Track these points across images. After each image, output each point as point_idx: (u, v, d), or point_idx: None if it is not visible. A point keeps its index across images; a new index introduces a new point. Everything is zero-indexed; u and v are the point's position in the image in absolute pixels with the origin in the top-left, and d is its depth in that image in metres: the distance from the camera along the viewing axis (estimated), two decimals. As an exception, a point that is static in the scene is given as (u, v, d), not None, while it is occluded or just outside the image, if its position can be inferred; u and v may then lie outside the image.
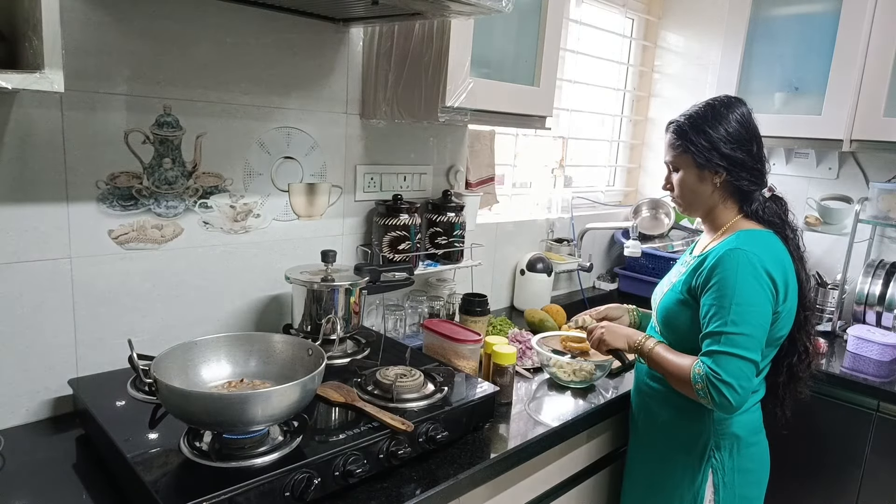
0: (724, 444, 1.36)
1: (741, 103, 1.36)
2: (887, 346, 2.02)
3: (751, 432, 1.39)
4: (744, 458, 1.38)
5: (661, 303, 1.43)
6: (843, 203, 2.41)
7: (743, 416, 1.36)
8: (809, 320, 1.39)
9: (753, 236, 1.32)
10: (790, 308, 1.33)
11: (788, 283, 1.30)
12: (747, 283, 1.24)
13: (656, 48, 2.91)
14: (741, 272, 1.25)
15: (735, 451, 1.37)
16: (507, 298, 2.35)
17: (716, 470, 1.36)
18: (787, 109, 2.24)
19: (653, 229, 2.71)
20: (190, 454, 1.00)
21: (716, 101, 1.36)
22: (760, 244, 1.30)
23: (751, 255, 1.26)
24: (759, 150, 1.35)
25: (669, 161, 1.41)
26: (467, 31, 1.45)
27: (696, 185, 1.37)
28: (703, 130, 1.33)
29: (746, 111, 1.35)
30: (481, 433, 1.33)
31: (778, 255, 1.31)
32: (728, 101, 1.35)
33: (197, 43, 1.34)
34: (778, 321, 1.30)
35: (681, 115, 1.39)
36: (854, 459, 1.92)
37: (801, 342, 1.38)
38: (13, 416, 1.22)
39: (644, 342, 1.39)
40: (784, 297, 1.29)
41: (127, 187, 1.29)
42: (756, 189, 1.36)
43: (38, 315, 1.21)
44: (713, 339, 1.25)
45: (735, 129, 1.32)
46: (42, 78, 0.86)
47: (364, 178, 1.74)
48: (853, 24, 2.05)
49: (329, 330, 1.44)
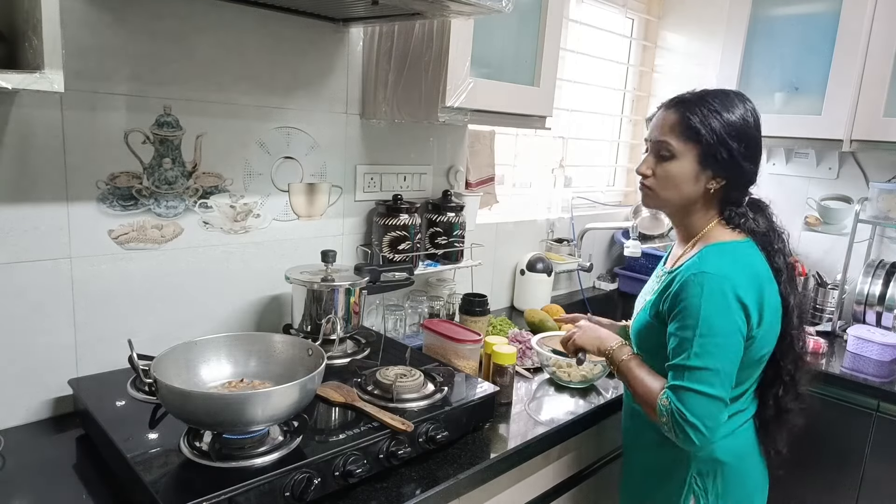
0: (706, 471, 1.24)
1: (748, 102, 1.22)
2: (887, 346, 2.02)
3: (738, 457, 1.25)
4: (730, 486, 1.25)
5: (633, 323, 1.33)
6: (843, 203, 2.41)
7: (726, 441, 1.22)
8: (796, 342, 1.24)
9: (723, 252, 1.18)
10: (768, 328, 1.19)
11: (764, 304, 1.17)
12: (713, 313, 1.11)
13: (656, 48, 2.91)
14: (706, 300, 1.12)
15: (719, 477, 1.24)
16: (507, 298, 2.34)
17: (698, 497, 1.24)
18: (787, 109, 2.24)
19: (653, 229, 2.71)
20: (190, 454, 1.00)
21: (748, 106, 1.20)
22: (730, 262, 1.16)
23: (719, 280, 1.12)
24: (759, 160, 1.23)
25: (664, 143, 1.20)
26: (467, 31, 1.45)
27: (689, 182, 1.20)
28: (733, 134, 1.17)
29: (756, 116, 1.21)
30: (481, 433, 1.33)
31: (752, 272, 1.17)
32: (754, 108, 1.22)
33: (197, 43, 1.34)
34: (754, 344, 1.17)
35: (702, 97, 1.19)
36: (854, 459, 1.92)
37: (785, 370, 1.24)
38: (13, 416, 1.22)
39: (615, 351, 1.28)
40: (759, 320, 1.16)
41: (127, 187, 1.29)
42: (744, 198, 1.25)
43: (38, 315, 1.21)
44: (677, 372, 1.14)
45: (755, 142, 1.20)
46: (42, 78, 0.85)
47: (364, 178, 1.74)
48: (853, 24, 2.05)
49: (329, 330, 1.44)
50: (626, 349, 1.29)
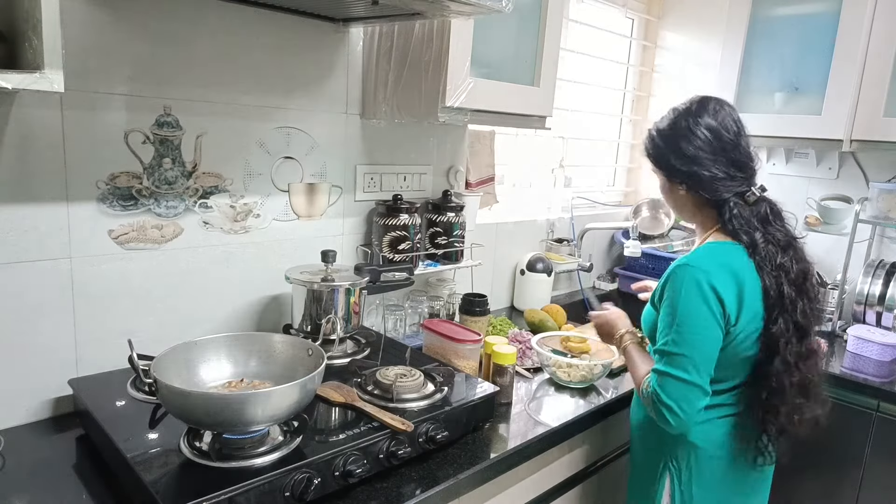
0: (681, 454, 1.32)
1: (706, 109, 1.27)
2: (887, 346, 2.02)
3: (712, 444, 1.30)
4: (703, 471, 1.31)
5: (642, 316, 1.40)
6: (843, 203, 2.41)
7: (702, 427, 1.28)
8: (790, 347, 1.23)
9: (711, 251, 1.26)
10: (747, 329, 1.23)
11: (743, 304, 1.22)
12: (689, 302, 1.20)
13: (656, 48, 2.91)
14: (684, 290, 1.21)
15: (693, 461, 1.31)
16: (507, 298, 2.34)
17: (672, 476, 1.33)
18: (787, 109, 2.24)
19: (653, 229, 2.71)
20: (190, 454, 1.00)
21: (682, 112, 1.29)
22: (713, 259, 1.23)
23: (696, 272, 1.20)
24: (728, 156, 1.26)
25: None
26: (467, 31, 1.45)
27: (668, 193, 1.37)
28: (665, 143, 1.30)
29: (711, 122, 1.26)
30: (481, 433, 1.33)
31: (731, 270, 1.22)
32: (693, 110, 1.28)
33: (197, 43, 1.34)
34: (735, 342, 1.23)
35: (654, 123, 1.35)
36: (854, 459, 1.92)
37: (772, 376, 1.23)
38: (13, 416, 1.22)
39: (620, 338, 1.42)
40: (736, 317, 1.21)
41: (127, 187, 1.29)
42: (729, 196, 1.27)
43: (38, 315, 1.21)
44: (659, 356, 1.24)
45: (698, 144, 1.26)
46: (42, 78, 0.86)
47: (364, 178, 1.74)
48: (853, 24, 2.05)
49: (329, 330, 1.44)
50: (628, 335, 1.41)
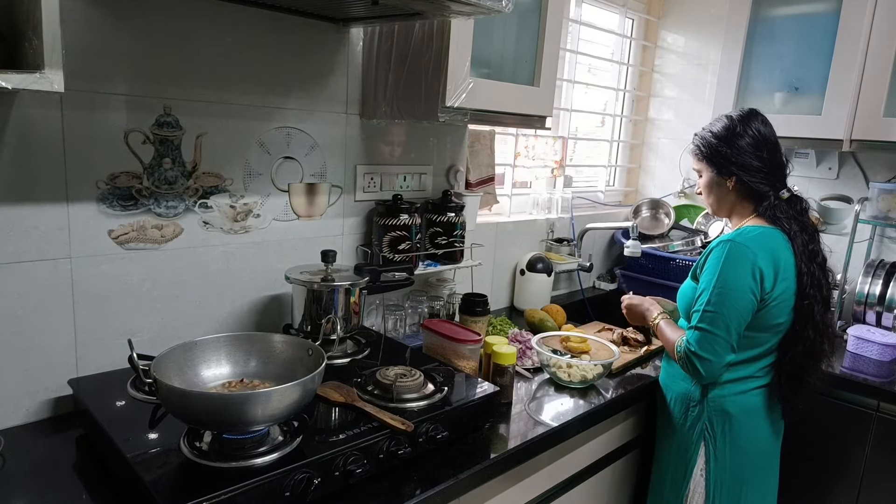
0: (716, 420, 1.49)
1: (756, 118, 1.51)
2: (887, 346, 2.02)
3: (744, 413, 1.49)
4: (737, 436, 1.49)
5: (679, 290, 1.59)
6: (843, 203, 2.41)
7: (737, 398, 1.48)
8: (814, 315, 1.45)
9: (751, 231, 1.46)
10: (782, 296, 1.42)
11: (779, 273, 1.41)
12: (729, 269, 1.40)
13: (656, 48, 2.91)
14: (726, 258, 1.41)
15: (727, 427, 1.49)
16: (507, 298, 2.34)
17: (708, 442, 1.51)
18: (787, 109, 2.24)
19: (653, 229, 2.71)
20: (190, 454, 1.00)
21: (737, 118, 1.51)
22: (754, 237, 1.43)
23: (740, 246, 1.41)
24: (771, 156, 1.49)
25: (695, 168, 1.60)
26: (467, 31, 1.45)
27: (716, 188, 1.55)
28: (721, 142, 1.50)
29: (761, 128, 1.50)
30: (481, 433, 1.33)
31: (771, 248, 1.42)
32: (745, 117, 1.51)
33: (197, 43, 1.34)
34: (768, 308, 1.42)
35: (704, 127, 1.57)
36: (854, 459, 1.92)
37: (805, 335, 1.45)
38: (13, 416, 1.22)
39: (653, 318, 1.61)
40: (773, 284, 1.41)
41: (127, 187, 1.29)
42: (769, 190, 1.49)
43: (38, 315, 1.22)
44: (695, 315, 1.43)
45: (748, 143, 1.48)
46: (42, 78, 0.86)
47: (364, 178, 1.74)
48: (853, 24, 2.05)
49: (329, 330, 1.44)
50: (661, 315, 1.61)
